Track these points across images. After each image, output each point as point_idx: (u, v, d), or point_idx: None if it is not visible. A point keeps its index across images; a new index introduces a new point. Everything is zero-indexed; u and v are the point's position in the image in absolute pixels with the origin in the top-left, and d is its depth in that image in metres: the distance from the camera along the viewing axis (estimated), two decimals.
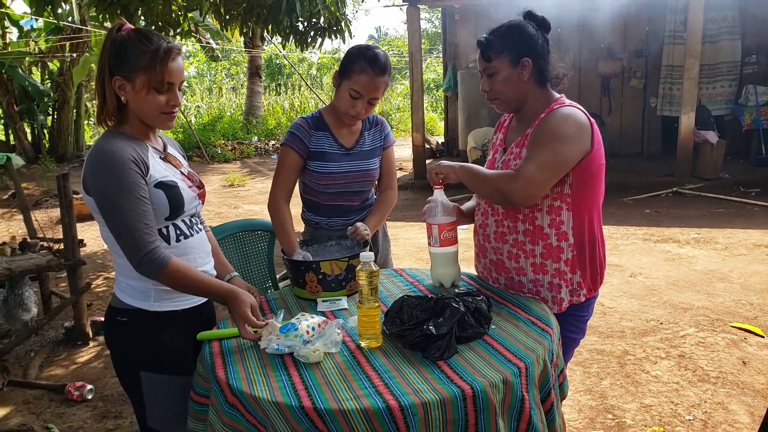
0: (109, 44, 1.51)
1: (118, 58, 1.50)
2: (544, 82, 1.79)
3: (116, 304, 1.61)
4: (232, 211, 7.65)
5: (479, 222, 1.91)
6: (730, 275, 4.33)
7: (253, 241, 2.60)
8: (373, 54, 2.02)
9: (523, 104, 1.81)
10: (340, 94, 2.08)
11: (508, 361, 1.39)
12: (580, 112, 1.73)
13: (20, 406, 2.89)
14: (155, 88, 1.51)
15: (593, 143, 1.71)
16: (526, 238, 1.77)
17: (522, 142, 1.77)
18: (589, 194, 1.75)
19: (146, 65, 1.48)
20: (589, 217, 1.77)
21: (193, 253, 1.66)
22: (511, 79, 1.76)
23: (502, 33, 1.77)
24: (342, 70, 2.07)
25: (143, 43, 1.49)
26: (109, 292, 4.61)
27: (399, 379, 1.34)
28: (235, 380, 1.38)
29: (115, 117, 1.55)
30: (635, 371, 2.96)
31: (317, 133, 2.16)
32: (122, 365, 1.65)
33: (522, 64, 1.75)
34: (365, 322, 1.51)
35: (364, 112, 2.08)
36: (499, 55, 1.75)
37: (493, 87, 1.79)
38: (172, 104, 1.55)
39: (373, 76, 2.02)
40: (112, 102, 1.51)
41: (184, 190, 1.62)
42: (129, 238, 1.47)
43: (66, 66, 11.72)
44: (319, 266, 1.84)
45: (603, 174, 1.78)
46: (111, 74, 1.50)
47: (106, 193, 1.48)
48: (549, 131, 1.68)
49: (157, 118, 1.55)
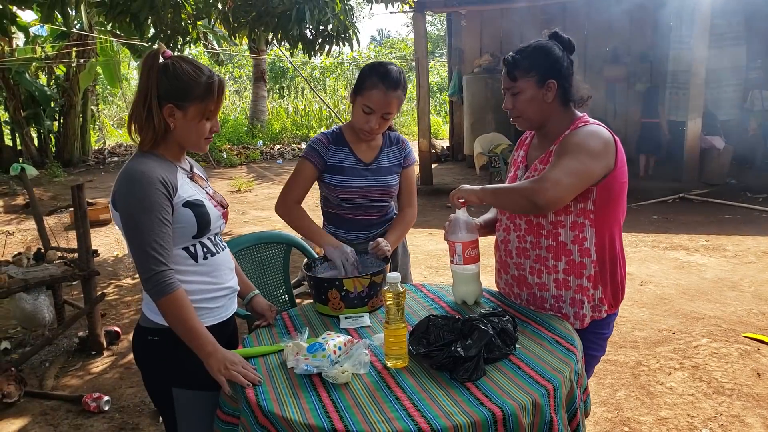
0: (156, 71, 1.53)
1: (170, 86, 1.53)
2: (568, 102, 1.81)
3: (146, 324, 1.63)
4: (240, 217, 7.67)
5: (501, 238, 1.93)
6: (740, 283, 4.34)
7: (269, 254, 2.61)
8: (384, 69, 2.06)
9: (546, 124, 1.82)
10: (355, 111, 2.13)
11: (535, 382, 1.40)
12: (605, 130, 1.75)
13: (38, 418, 2.90)
14: (206, 117, 1.57)
15: (617, 161, 1.72)
16: (549, 254, 1.78)
17: (545, 159, 1.78)
18: (612, 211, 1.76)
19: (202, 96, 1.54)
20: (611, 234, 1.79)
21: (219, 270, 1.69)
22: (536, 99, 1.77)
23: (529, 53, 1.78)
24: (356, 87, 2.12)
25: (198, 74, 1.54)
26: (121, 300, 4.63)
27: (429, 401, 1.35)
28: (265, 401, 1.40)
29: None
30: (650, 382, 2.97)
31: (336, 148, 2.20)
32: (154, 383, 1.68)
33: (547, 86, 1.76)
34: (392, 342, 1.52)
35: (378, 127, 2.12)
36: (525, 75, 1.76)
37: (516, 105, 1.81)
38: (214, 130, 1.62)
39: (385, 92, 2.05)
40: (161, 128, 1.55)
41: (210, 209, 1.65)
42: (142, 256, 1.49)
43: (72, 71, 11.77)
44: (342, 283, 1.86)
45: (625, 192, 1.80)
46: (160, 101, 1.53)
47: (129, 210, 1.51)
48: (575, 144, 1.70)
49: (200, 143, 1.61)
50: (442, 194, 8.51)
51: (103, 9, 5.20)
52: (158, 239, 1.50)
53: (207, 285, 1.65)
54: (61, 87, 12.15)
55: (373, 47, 27.12)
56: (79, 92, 11.96)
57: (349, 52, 19.97)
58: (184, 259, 1.60)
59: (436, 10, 9.57)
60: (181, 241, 1.59)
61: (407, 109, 18.38)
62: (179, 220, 1.57)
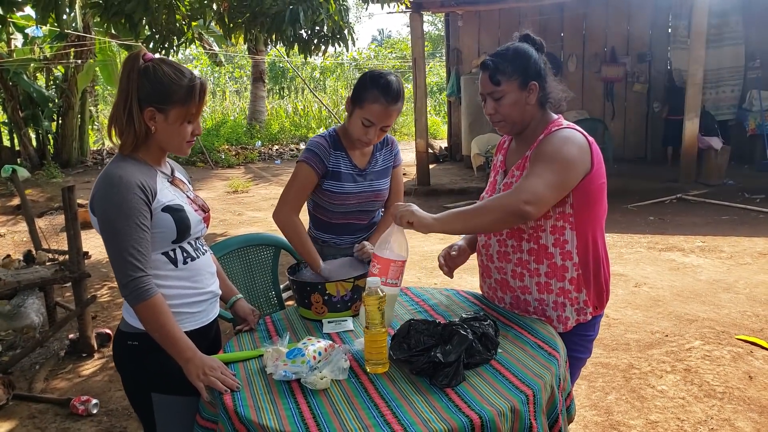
0: (137, 74, 1.52)
1: (151, 89, 1.51)
2: (545, 104, 1.80)
3: (126, 329, 1.62)
4: (236, 218, 7.66)
5: (482, 242, 1.91)
6: (735, 285, 4.32)
7: (257, 256, 2.60)
8: (385, 82, 1.99)
9: (527, 127, 1.81)
10: (353, 122, 2.05)
11: (515, 388, 1.38)
12: (579, 134, 1.73)
13: (25, 421, 2.89)
14: (188, 120, 1.56)
15: (593, 162, 1.71)
16: (530, 257, 1.77)
17: (522, 165, 1.77)
18: (592, 213, 1.75)
19: (183, 99, 1.53)
20: (593, 236, 1.77)
21: (199, 274, 1.68)
22: (519, 102, 1.76)
23: (510, 56, 1.76)
24: (354, 98, 2.04)
25: (179, 77, 1.53)
26: (114, 303, 4.62)
27: (407, 407, 1.34)
28: (242, 407, 1.39)
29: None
30: (641, 386, 2.95)
31: (335, 153, 2.14)
32: (133, 388, 1.67)
33: (530, 88, 1.75)
34: (372, 347, 1.51)
35: (376, 139, 2.08)
36: (508, 78, 1.75)
37: (499, 110, 1.79)
38: (196, 133, 1.61)
39: (386, 105, 1.99)
40: (141, 131, 1.54)
41: (191, 213, 1.63)
42: (120, 261, 1.48)
43: (70, 72, 11.76)
44: (324, 287, 1.85)
45: (605, 191, 1.77)
46: (140, 104, 1.52)
47: (107, 215, 1.50)
48: (550, 153, 1.67)
49: (182, 146, 1.60)
50: (440, 195, 8.50)
51: (98, 10, 5.19)
52: (136, 245, 1.48)
53: (187, 290, 1.64)
54: (60, 88, 12.16)
55: (373, 47, 27.10)
56: (78, 93, 11.96)
57: (348, 53, 19.94)
58: (163, 264, 1.59)
59: (433, 11, 9.56)
60: (160, 246, 1.58)
61: (406, 109, 18.36)
62: (158, 225, 1.55)
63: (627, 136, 10.17)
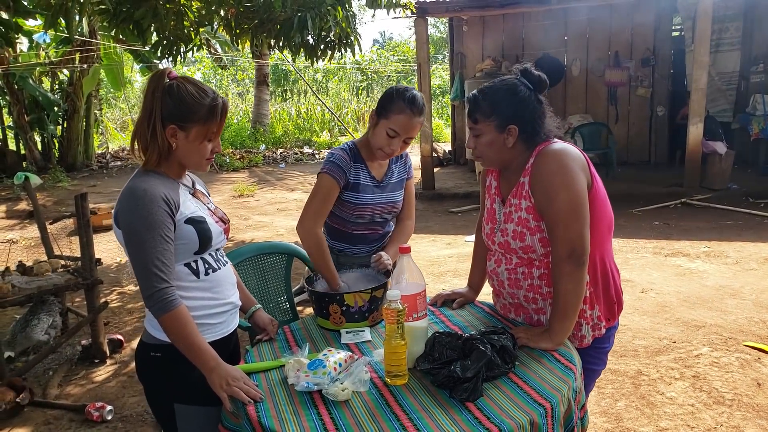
0: (161, 91, 1.56)
1: (174, 107, 1.55)
2: (533, 142, 1.74)
3: (148, 340, 1.65)
4: (242, 223, 7.69)
5: (491, 268, 1.90)
6: (741, 291, 4.34)
7: (270, 263, 2.64)
8: (411, 95, 2.10)
9: (509, 165, 1.80)
10: (377, 132, 2.13)
11: (533, 401, 1.41)
12: (570, 151, 1.69)
13: (41, 427, 2.92)
14: (208, 138, 1.59)
15: (592, 174, 1.71)
16: (542, 282, 1.77)
17: (518, 193, 1.75)
18: (598, 229, 1.74)
19: (204, 117, 1.57)
20: (601, 252, 1.77)
21: (221, 285, 1.71)
22: (496, 143, 1.74)
23: (491, 95, 1.73)
24: (380, 110, 2.13)
25: (201, 96, 1.57)
26: (124, 308, 4.65)
27: (428, 420, 1.36)
28: (266, 418, 1.42)
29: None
30: (650, 392, 2.97)
31: (355, 165, 2.21)
32: (156, 399, 1.70)
33: (508, 131, 1.72)
34: (392, 359, 1.53)
35: (398, 150, 2.15)
36: (486, 118, 1.72)
37: (477, 147, 1.78)
38: (216, 151, 1.65)
39: (411, 116, 2.09)
40: (164, 147, 1.58)
41: (212, 225, 1.67)
42: (145, 273, 1.51)
43: (76, 76, 11.82)
44: (343, 298, 1.88)
45: (608, 203, 1.77)
46: (163, 121, 1.56)
47: (132, 227, 1.52)
48: (557, 186, 1.63)
49: (201, 163, 1.64)
50: (444, 199, 8.53)
51: (106, 16, 5.24)
52: (160, 257, 1.52)
53: (209, 301, 1.67)
54: (65, 91, 12.22)
55: (375, 50, 27.12)
56: (83, 97, 12.02)
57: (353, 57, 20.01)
58: (186, 275, 1.62)
59: (438, 16, 9.60)
60: (183, 257, 1.61)
61: None
62: (181, 237, 1.59)
63: (630, 140, 10.19)
